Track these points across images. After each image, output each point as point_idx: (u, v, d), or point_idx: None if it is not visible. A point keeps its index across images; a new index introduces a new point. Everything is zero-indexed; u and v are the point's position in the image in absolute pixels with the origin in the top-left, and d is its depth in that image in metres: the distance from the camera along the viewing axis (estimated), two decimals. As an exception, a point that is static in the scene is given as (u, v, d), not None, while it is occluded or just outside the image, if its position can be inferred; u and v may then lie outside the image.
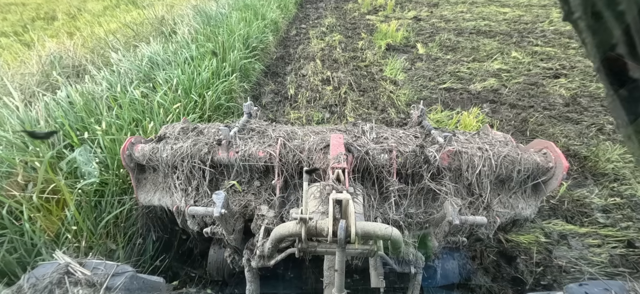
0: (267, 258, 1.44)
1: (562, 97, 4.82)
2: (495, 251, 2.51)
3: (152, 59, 3.60)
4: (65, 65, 3.98)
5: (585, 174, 3.28)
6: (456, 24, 8.70)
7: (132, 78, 3.20)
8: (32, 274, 1.10)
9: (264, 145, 1.81)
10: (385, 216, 1.70)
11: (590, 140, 3.80)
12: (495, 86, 5.11)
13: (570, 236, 2.62)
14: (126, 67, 3.39)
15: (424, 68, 5.88)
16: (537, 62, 6.13)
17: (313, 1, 12.02)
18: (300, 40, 7.61)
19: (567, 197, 2.97)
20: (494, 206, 1.78)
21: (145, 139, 1.92)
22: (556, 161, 1.77)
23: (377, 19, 9.32)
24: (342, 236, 1.05)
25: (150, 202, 1.90)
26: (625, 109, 0.42)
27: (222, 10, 6.54)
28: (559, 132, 3.93)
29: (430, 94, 4.94)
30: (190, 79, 3.33)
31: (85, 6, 12.43)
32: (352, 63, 6.10)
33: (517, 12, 10.04)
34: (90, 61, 4.13)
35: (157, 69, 3.45)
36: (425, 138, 2.01)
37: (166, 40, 4.42)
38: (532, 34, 7.87)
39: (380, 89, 5.09)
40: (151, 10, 6.37)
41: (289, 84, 5.25)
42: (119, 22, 6.40)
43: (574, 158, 3.49)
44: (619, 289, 1.19)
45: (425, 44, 7.09)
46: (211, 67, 3.67)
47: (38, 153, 2.06)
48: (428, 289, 1.94)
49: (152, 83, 3.17)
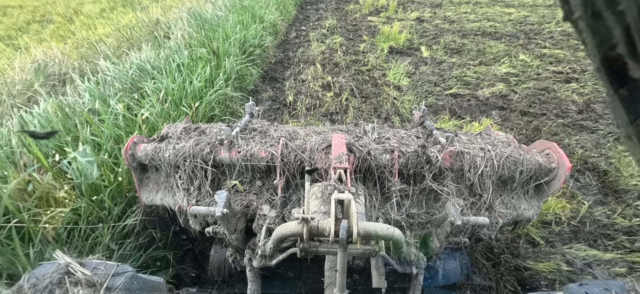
0: (269, 258, 1.45)
1: (575, 104, 4.58)
2: (512, 280, 2.28)
3: (141, 67, 3.37)
4: (51, 73, 3.77)
5: (606, 191, 3.04)
6: (460, 25, 8.46)
7: (118, 89, 2.98)
8: (33, 274, 1.09)
9: (266, 145, 1.80)
10: (387, 216, 1.70)
11: (608, 151, 3.57)
12: (504, 92, 4.87)
13: (594, 263, 2.38)
14: (113, 75, 3.17)
15: (429, 72, 5.65)
16: (546, 65, 5.89)
17: (313, 2, 11.79)
18: (300, 42, 7.39)
19: (589, 217, 2.73)
20: (496, 206, 1.77)
21: (148, 139, 1.92)
22: (559, 161, 1.75)
23: (379, 20, 9.08)
24: (343, 236, 1.05)
25: (152, 201, 1.89)
26: (625, 109, 0.42)
27: (219, 12, 6.32)
28: (575, 142, 3.69)
29: (436, 100, 4.71)
30: (181, 89, 3.11)
31: (83, 9, 12.25)
32: (353, 67, 5.87)
33: (523, 13, 9.78)
34: (78, 68, 3.92)
35: (146, 78, 3.23)
36: (427, 138, 1.99)
37: (159, 45, 4.20)
38: (540, 36, 7.62)
39: (384, 95, 4.85)
40: (146, 13, 6.16)
41: (288, 90, 5.03)
42: (113, 26, 6.19)
43: (593, 172, 3.25)
44: (619, 289, 1.18)
45: (430, 47, 6.85)
46: (204, 75, 3.45)
47: (5, 179, 1.85)
48: (429, 289, 1.93)
49: (139, 93, 2.95)
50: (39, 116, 2.39)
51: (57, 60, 4.05)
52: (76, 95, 2.87)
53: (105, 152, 2.11)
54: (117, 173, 2.07)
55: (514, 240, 2.52)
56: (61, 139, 2.13)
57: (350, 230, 1.07)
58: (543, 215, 2.53)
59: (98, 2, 13.71)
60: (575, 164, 3.33)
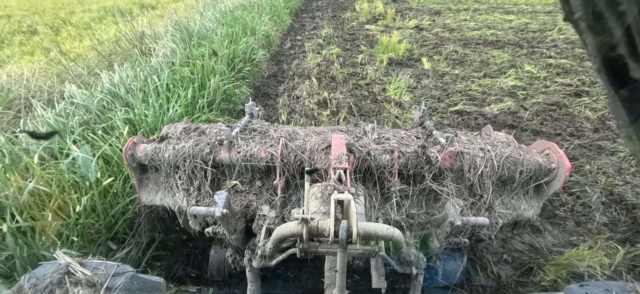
0: (269, 258, 1.46)
1: (590, 121, 4.26)
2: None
3: (113, 92, 3.00)
4: (16, 97, 3.39)
5: (638, 228, 2.70)
6: (461, 34, 8.18)
7: (82, 119, 2.59)
8: (33, 274, 1.08)
9: (266, 145, 1.80)
10: (387, 216, 1.70)
11: (633, 178, 3.23)
12: (513, 108, 4.55)
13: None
14: (79, 102, 2.80)
15: (432, 86, 5.32)
16: (554, 77, 5.59)
17: (309, 11, 11.51)
18: (295, 54, 7.05)
19: (624, 264, 2.38)
20: (496, 207, 1.77)
21: (148, 140, 1.91)
22: (559, 161, 1.75)
23: (377, 28, 8.79)
24: (343, 236, 1.05)
25: (152, 202, 1.89)
26: (626, 110, 0.42)
27: (209, 24, 5.98)
28: (596, 168, 3.36)
29: (441, 118, 4.37)
30: (156, 116, 2.74)
31: (71, 19, 11.89)
32: (351, 81, 5.53)
33: (523, 20, 9.55)
34: (48, 91, 3.55)
35: (117, 104, 2.86)
36: (427, 139, 1.98)
37: (139, 64, 3.84)
38: (543, 44, 7.36)
39: (384, 113, 4.51)
40: (131, 26, 5.80)
41: (281, 108, 4.67)
42: (95, 40, 5.83)
43: (619, 205, 2.91)
44: (620, 290, 1.17)
45: (431, 57, 6.55)
46: (186, 100, 3.09)
47: None
48: (429, 290, 1.91)
49: (107, 125, 2.58)
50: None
51: (25, 81, 3.67)
52: (34, 128, 2.49)
53: (50, 211, 1.73)
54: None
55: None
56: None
57: (350, 230, 1.07)
58: (575, 267, 2.17)
59: (88, 11, 13.38)
60: (600, 195, 2.99)
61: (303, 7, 11.92)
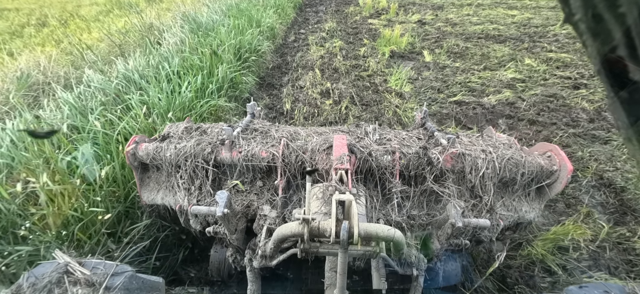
0: (269, 258, 1.46)
1: (586, 112, 4.37)
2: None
3: (128, 77, 3.18)
4: (35, 82, 3.57)
5: (624, 209, 2.83)
6: (463, 28, 8.26)
7: (100, 101, 2.77)
8: (32, 274, 1.08)
9: (267, 145, 1.81)
10: (388, 217, 1.69)
11: (623, 164, 3.36)
12: (510, 99, 4.67)
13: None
14: (97, 86, 2.98)
15: (432, 78, 5.45)
16: (554, 70, 5.68)
17: (313, 5, 11.60)
18: (299, 47, 7.19)
19: (608, 240, 2.52)
20: (498, 208, 1.77)
21: (149, 139, 1.93)
22: (560, 164, 1.75)
23: (379, 23, 8.89)
24: (344, 237, 1.05)
25: (153, 201, 1.90)
26: (625, 111, 0.41)
27: (215, 16, 6.13)
28: (588, 155, 3.48)
29: (440, 108, 4.50)
30: (169, 100, 2.91)
31: (79, 11, 12.08)
32: (353, 72, 5.67)
33: (526, 15, 9.58)
34: (64, 77, 3.73)
35: (132, 88, 3.04)
36: (428, 140, 1.98)
37: (149, 52, 4.01)
38: (544, 39, 7.42)
39: (385, 102, 4.65)
40: (139, 17, 5.97)
41: (285, 98, 4.83)
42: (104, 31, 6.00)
43: (609, 189, 3.04)
44: (619, 291, 1.16)
45: (432, 51, 6.65)
46: (195, 85, 3.25)
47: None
48: (429, 291, 1.91)
49: (124, 106, 2.75)
50: (9, 134, 2.20)
51: (42, 67, 3.86)
52: (56, 109, 2.67)
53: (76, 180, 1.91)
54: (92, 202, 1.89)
55: (528, 268, 2.31)
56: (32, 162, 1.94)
57: (351, 231, 1.06)
58: (559, 240, 2.32)
59: (95, 4, 13.56)
60: (590, 180, 3.12)
61: (307, 2, 12.00)
